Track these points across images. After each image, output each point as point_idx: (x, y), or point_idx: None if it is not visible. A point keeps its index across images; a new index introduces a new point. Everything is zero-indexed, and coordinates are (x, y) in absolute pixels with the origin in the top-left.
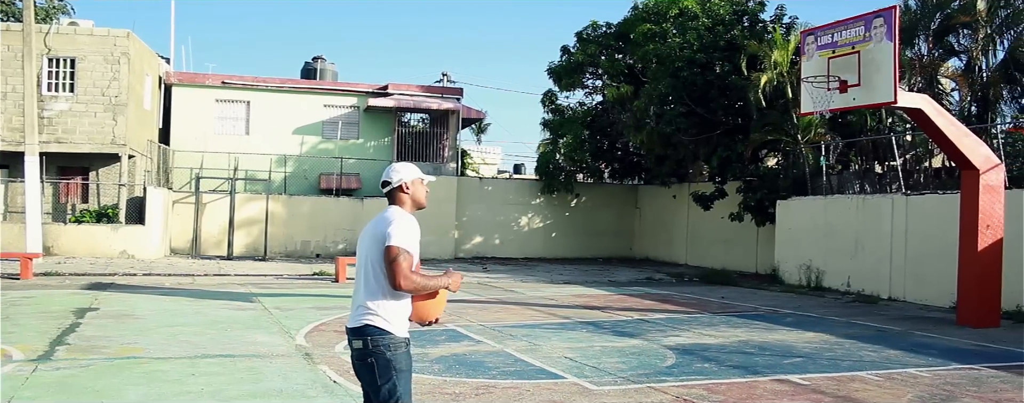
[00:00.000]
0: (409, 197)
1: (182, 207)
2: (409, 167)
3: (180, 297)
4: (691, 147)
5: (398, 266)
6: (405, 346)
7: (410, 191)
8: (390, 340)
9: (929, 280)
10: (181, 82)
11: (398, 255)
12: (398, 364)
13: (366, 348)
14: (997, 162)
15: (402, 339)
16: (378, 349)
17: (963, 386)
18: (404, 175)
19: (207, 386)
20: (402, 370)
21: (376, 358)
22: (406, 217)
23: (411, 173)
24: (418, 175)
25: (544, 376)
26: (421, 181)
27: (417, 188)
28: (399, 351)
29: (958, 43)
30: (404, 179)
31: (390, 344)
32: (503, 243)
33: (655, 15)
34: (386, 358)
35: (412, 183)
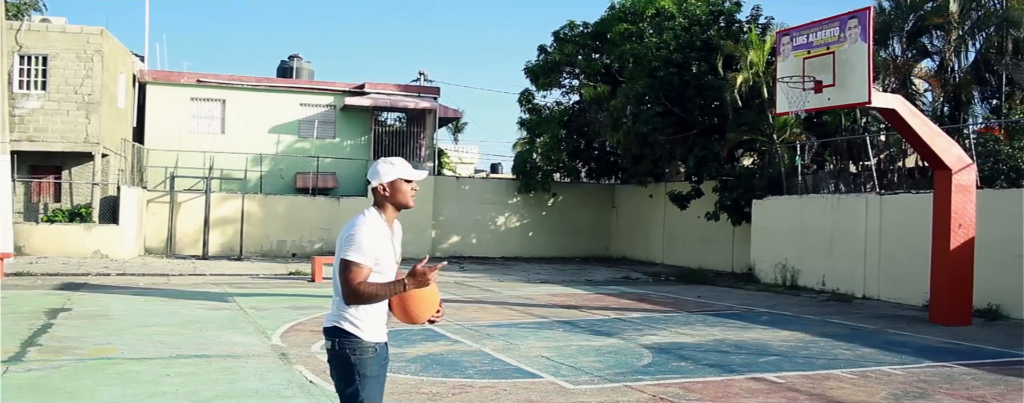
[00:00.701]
0: (388, 198)
1: (157, 206)
2: (391, 165)
3: (154, 297)
4: (668, 147)
5: (345, 281)
6: (374, 351)
7: (389, 193)
8: (357, 344)
9: (902, 279)
10: (156, 80)
11: (346, 268)
12: (363, 369)
13: (333, 350)
14: (969, 162)
15: (371, 344)
16: (343, 352)
17: (936, 383)
18: (383, 175)
19: (182, 387)
20: (368, 375)
21: (341, 361)
22: (368, 223)
23: (390, 173)
24: (399, 174)
25: (521, 375)
26: (403, 180)
27: (397, 189)
28: (365, 356)
29: (931, 44)
30: (382, 181)
31: (356, 348)
32: (480, 242)
33: (632, 15)
34: (350, 362)
35: (390, 185)
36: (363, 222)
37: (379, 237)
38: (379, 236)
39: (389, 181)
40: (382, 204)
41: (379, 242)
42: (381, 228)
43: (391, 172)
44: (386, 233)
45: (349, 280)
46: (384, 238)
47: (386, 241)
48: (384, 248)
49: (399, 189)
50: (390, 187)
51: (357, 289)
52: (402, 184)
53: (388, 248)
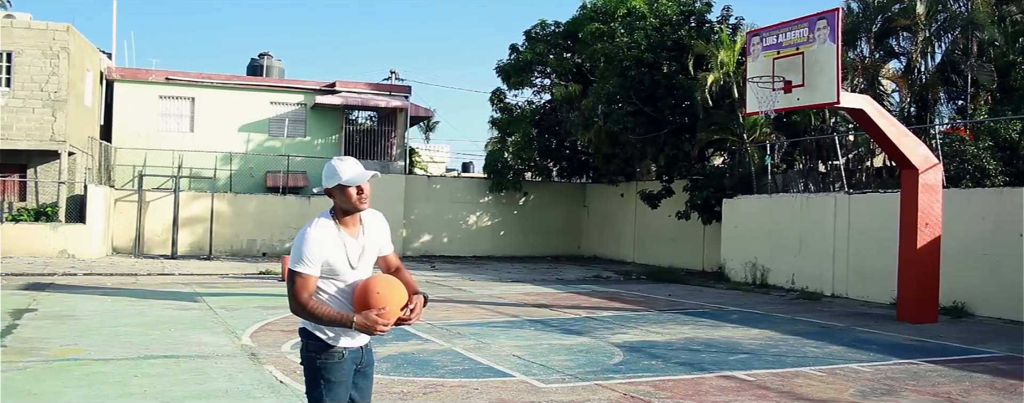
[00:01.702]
0: (337, 201)
1: (125, 205)
2: (335, 169)
3: (122, 297)
4: (639, 146)
5: (290, 293)
6: (341, 356)
7: (334, 198)
8: (322, 347)
9: (870, 277)
10: (123, 78)
11: (291, 280)
12: (327, 374)
13: (301, 351)
14: (935, 162)
15: (339, 349)
16: (309, 355)
17: (903, 380)
18: (324, 182)
19: (150, 387)
20: (332, 380)
21: (308, 364)
22: (314, 232)
23: (332, 178)
24: (339, 180)
25: (492, 374)
26: (344, 188)
27: (339, 194)
28: (330, 360)
29: (898, 45)
30: (325, 185)
31: (322, 352)
32: (451, 241)
33: (603, 15)
34: (315, 366)
35: (332, 191)
36: (309, 231)
37: (326, 244)
38: (326, 243)
39: (329, 187)
40: (335, 208)
41: (327, 249)
42: (329, 234)
43: (334, 176)
44: (335, 237)
45: (294, 293)
46: (333, 244)
47: (336, 247)
48: (334, 254)
49: (341, 195)
50: (332, 194)
51: (302, 305)
52: (345, 190)
53: (340, 253)
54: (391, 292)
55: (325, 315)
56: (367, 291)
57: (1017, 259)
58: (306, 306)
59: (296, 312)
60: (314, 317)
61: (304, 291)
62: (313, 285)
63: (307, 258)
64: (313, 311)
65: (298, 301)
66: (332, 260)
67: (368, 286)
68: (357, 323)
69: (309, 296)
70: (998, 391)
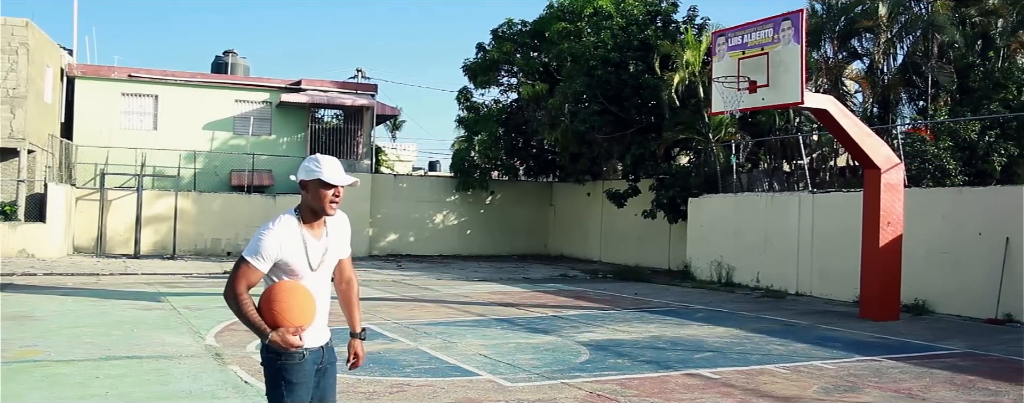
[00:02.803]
0: (306, 197)
1: (86, 204)
2: (313, 164)
3: (83, 297)
4: (605, 145)
5: (230, 278)
6: (301, 357)
7: (306, 193)
8: (281, 349)
9: (834, 275)
10: (85, 75)
11: (236, 266)
12: (288, 375)
13: (261, 352)
14: (897, 162)
15: (300, 350)
16: (269, 356)
17: (865, 377)
18: (301, 172)
19: (112, 389)
20: (293, 382)
21: (268, 365)
22: (276, 227)
23: (309, 172)
24: (316, 175)
25: (459, 374)
26: (320, 183)
27: (312, 191)
28: (290, 361)
29: (861, 46)
30: (299, 176)
31: (282, 353)
32: (418, 240)
33: (570, 14)
34: (275, 367)
35: (307, 185)
36: (272, 225)
37: (287, 241)
38: (287, 240)
39: (305, 180)
40: (300, 205)
41: (286, 246)
42: (291, 232)
43: (311, 173)
44: (297, 237)
45: (233, 279)
46: (294, 242)
47: (294, 243)
48: (291, 250)
49: (315, 193)
50: (307, 188)
51: (236, 294)
52: (320, 189)
53: (298, 249)
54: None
55: (246, 316)
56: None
57: (976, 258)
58: (238, 297)
59: (226, 298)
60: (237, 311)
61: (243, 280)
62: (255, 279)
63: (261, 252)
64: (240, 306)
65: (234, 288)
66: (291, 259)
67: (270, 297)
68: (271, 340)
69: (245, 288)
70: (957, 387)
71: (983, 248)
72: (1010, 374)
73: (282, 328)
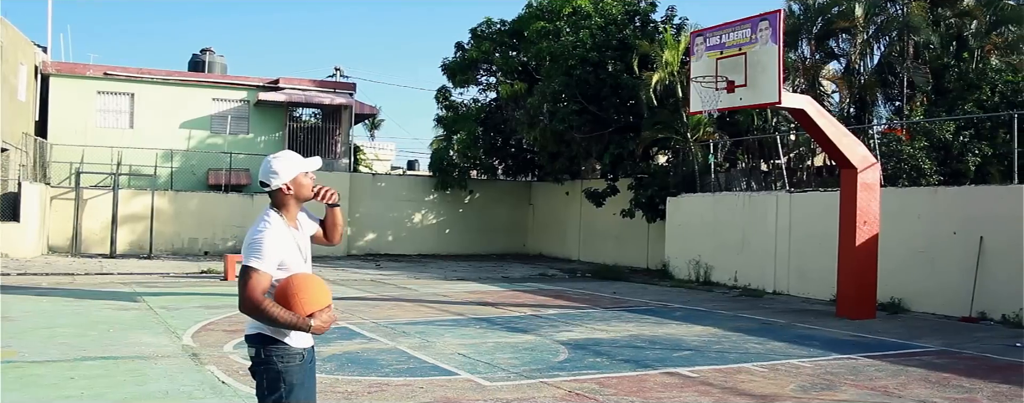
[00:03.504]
0: (292, 196)
1: (61, 203)
2: (286, 162)
3: (58, 297)
4: (584, 144)
5: (244, 289)
6: (301, 358)
7: (293, 190)
8: (284, 351)
9: (811, 274)
10: (60, 73)
11: (246, 276)
12: (290, 377)
13: (257, 357)
14: (873, 161)
15: (298, 350)
16: (270, 359)
17: (842, 375)
18: (283, 175)
19: (87, 389)
20: (295, 383)
21: (266, 369)
22: (272, 228)
23: (289, 170)
24: (299, 169)
25: (437, 373)
26: (304, 174)
27: (300, 185)
28: (292, 363)
29: (838, 47)
30: (284, 181)
31: (283, 355)
32: (396, 240)
33: (549, 13)
34: (276, 370)
35: (293, 182)
36: (267, 227)
37: (283, 241)
38: (283, 240)
39: (291, 179)
40: (283, 204)
41: (283, 246)
42: (285, 231)
43: (289, 169)
44: (290, 235)
45: (248, 289)
46: (288, 241)
47: (290, 244)
48: (289, 251)
49: (301, 184)
50: (293, 185)
51: (256, 304)
52: (302, 178)
53: (293, 250)
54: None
55: (280, 317)
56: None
57: (951, 257)
58: (260, 305)
59: (247, 311)
60: (268, 318)
61: (258, 289)
62: (267, 283)
63: (265, 254)
64: (267, 311)
65: (252, 300)
66: (287, 256)
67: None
68: (315, 327)
69: (263, 295)
70: (932, 384)
71: (958, 247)
72: (984, 371)
73: (318, 313)
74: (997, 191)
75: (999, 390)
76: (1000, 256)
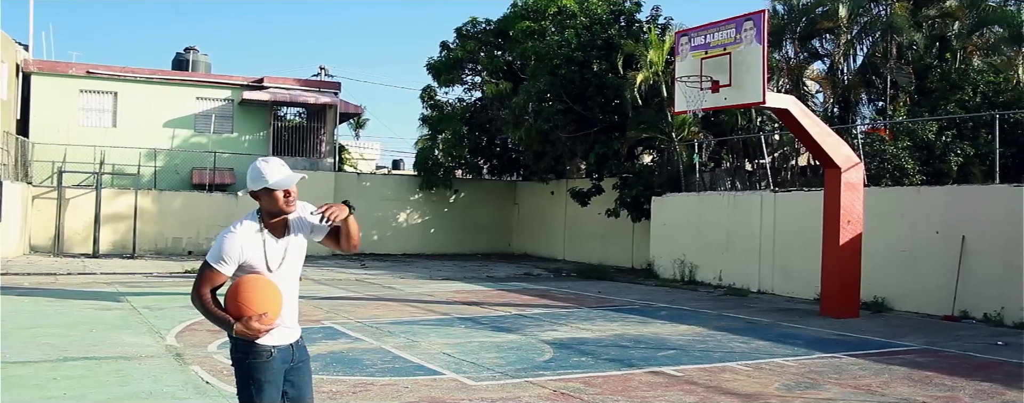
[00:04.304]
0: (263, 203)
1: (43, 202)
2: (260, 171)
3: (40, 297)
4: (569, 144)
5: (195, 283)
6: (269, 356)
7: (260, 201)
8: (249, 346)
9: (795, 273)
10: (41, 71)
11: (200, 271)
12: (257, 373)
13: (231, 351)
14: (857, 161)
15: (266, 348)
16: (238, 355)
17: (826, 374)
18: (250, 184)
19: (70, 390)
20: (263, 380)
21: (237, 364)
22: (236, 232)
23: (257, 181)
24: (265, 183)
25: (422, 372)
26: (271, 191)
27: (265, 198)
28: (259, 360)
29: (822, 47)
30: (249, 187)
31: (250, 351)
32: (381, 239)
33: (534, 13)
34: (245, 365)
35: (257, 194)
36: (231, 231)
37: (247, 245)
38: (244, 241)
39: (254, 190)
40: (261, 209)
41: (247, 250)
42: (249, 234)
43: (257, 181)
44: (257, 240)
45: (198, 283)
46: (251, 243)
47: (254, 245)
48: (251, 253)
49: (268, 199)
50: (261, 195)
51: (199, 296)
52: (271, 193)
53: (257, 251)
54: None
55: (211, 313)
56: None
57: (933, 256)
58: (201, 298)
59: (192, 301)
60: (203, 311)
61: (206, 284)
62: (219, 282)
63: (223, 255)
64: (204, 305)
65: (197, 291)
66: (251, 259)
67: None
68: (237, 331)
69: (209, 290)
70: (915, 382)
71: (940, 246)
72: (966, 370)
73: (245, 317)
74: (979, 191)
75: (981, 388)
76: (982, 255)
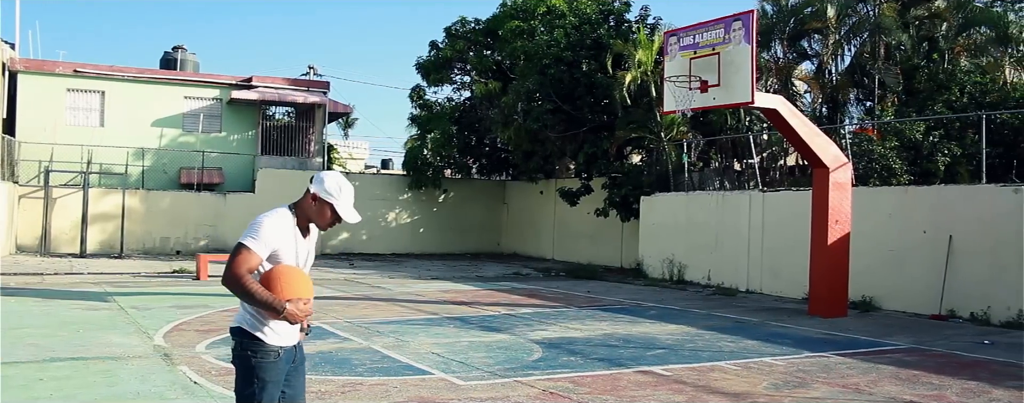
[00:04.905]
0: (310, 208)
1: (30, 202)
2: (334, 189)
3: (27, 297)
4: (558, 143)
5: (230, 262)
6: (276, 356)
7: (314, 205)
8: (258, 347)
9: (783, 273)
10: (28, 69)
11: (236, 251)
12: (262, 373)
13: (234, 350)
14: (845, 161)
15: (274, 348)
16: (244, 353)
17: (814, 373)
18: (315, 185)
19: (57, 391)
20: (267, 380)
21: (242, 362)
22: (275, 216)
23: (326, 194)
24: (331, 198)
25: (411, 372)
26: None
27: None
28: (266, 360)
29: (810, 47)
30: (314, 188)
31: (257, 351)
32: (370, 239)
33: (523, 12)
34: (250, 364)
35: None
36: (270, 214)
37: (282, 231)
38: (282, 230)
39: (320, 198)
40: (302, 206)
41: (281, 236)
42: (287, 225)
43: (327, 195)
44: (291, 231)
45: (234, 263)
46: (287, 234)
47: (289, 238)
48: (285, 244)
49: (321, 211)
50: (317, 202)
51: (238, 276)
52: (322, 205)
53: (290, 244)
54: (299, 281)
55: (257, 293)
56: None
57: (920, 255)
58: (241, 279)
59: (228, 282)
60: (244, 292)
61: (244, 264)
62: (255, 263)
63: (261, 236)
64: (245, 285)
65: (235, 271)
66: (282, 250)
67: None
68: (288, 311)
69: (247, 271)
70: (902, 381)
71: (927, 246)
72: (953, 368)
73: (292, 301)
74: (966, 191)
75: (967, 386)
76: (969, 255)
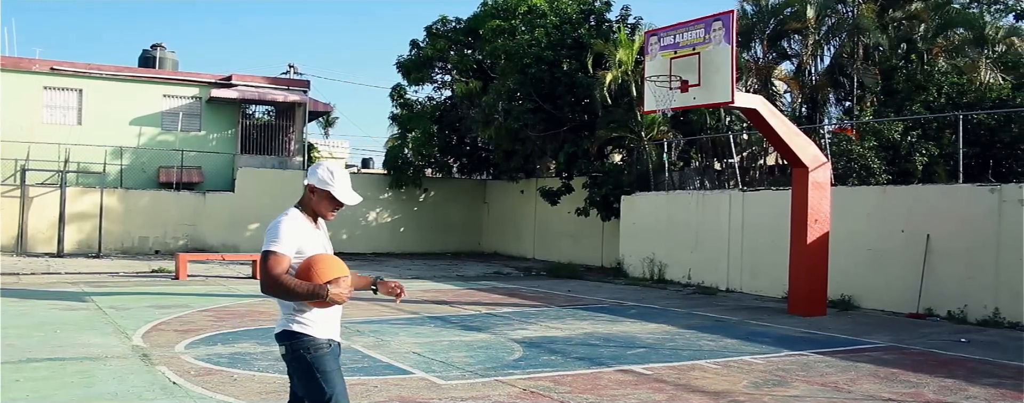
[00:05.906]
0: (310, 200)
1: (5, 201)
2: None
3: (3, 297)
4: (539, 143)
5: (263, 270)
6: (328, 346)
7: (313, 196)
8: (310, 342)
9: (763, 272)
10: (4, 67)
11: (264, 259)
12: (321, 365)
13: (287, 353)
14: (824, 161)
15: (324, 340)
16: (298, 353)
17: (793, 371)
18: (310, 177)
19: (33, 392)
20: (328, 370)
21: (298, 362)
22: (289, 218)
23: (322, 182)
24: (327, 186)
25: (392, 372)
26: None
27: (319, 198)
28: (321, 352)
29: (790, 48)
30: (309, 180)
31: (310, 346)
32: (351, 238)
33: (504, 12)
34: (307, 361)
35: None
36: (284, 217)
37: (300, 228)
38: (299, 227)
39: (318, 188)
40: (306, 201)
41: (300, 233)
42: (302, 222)
43: (324, 184)
44: (308, 226)
45: (268, 269)
46: (306, 230)
47: (309, 233)
48: (307, 239)
49: (321, 201)
50: (316, 193)
51: (276, 278)
52: (322, 196)
53: (312, 239)
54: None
55: (299, 286)
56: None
57: (899, 254)
58: (280, 279)
59: (268, 288)
60: (285, 290)
61: (278, 267)
62: (285, 266)
63: (282, 238)
64: (286, 284)
65: (272, 275)
66: (305, 245)
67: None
68: (332, 294)
69: (282, 271)
70: (881, 379)
71: (906, 245)
72: (931, 366)
73: (332, 282)
74: (943, 190)
75: (945, 384)
76: (946, 254)
